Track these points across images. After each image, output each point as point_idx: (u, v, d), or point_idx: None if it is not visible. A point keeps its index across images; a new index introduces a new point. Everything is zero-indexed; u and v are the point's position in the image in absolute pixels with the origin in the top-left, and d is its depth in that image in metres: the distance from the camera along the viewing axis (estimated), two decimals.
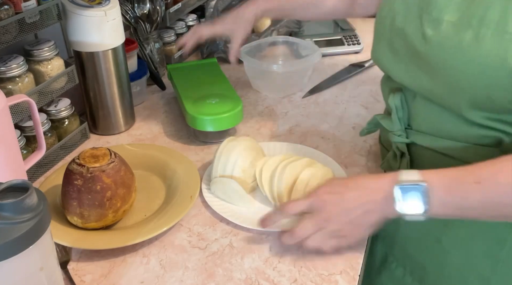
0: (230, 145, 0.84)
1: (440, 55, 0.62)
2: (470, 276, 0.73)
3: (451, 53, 0.61)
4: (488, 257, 0.71)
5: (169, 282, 0.68)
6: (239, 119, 0.98)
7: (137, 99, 1.13)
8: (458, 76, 0.61)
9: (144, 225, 0.75)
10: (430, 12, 0.64)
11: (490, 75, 0.58)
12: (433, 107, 0.69)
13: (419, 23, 0.65)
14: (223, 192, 0.81)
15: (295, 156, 0.86)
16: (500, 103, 0.60)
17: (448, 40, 0.61)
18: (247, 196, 0.81)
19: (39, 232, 0.50)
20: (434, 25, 0.63)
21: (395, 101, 0.73)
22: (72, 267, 0.71)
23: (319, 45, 1.37)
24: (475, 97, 0.61)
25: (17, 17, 0.80)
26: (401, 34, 0.68)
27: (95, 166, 0.72)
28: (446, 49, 0.61)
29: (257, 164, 0.84)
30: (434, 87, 0.66)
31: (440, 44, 0.62)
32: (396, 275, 0.84)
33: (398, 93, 0.73)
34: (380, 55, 0.74)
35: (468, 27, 0.59)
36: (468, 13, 0.60)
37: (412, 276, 0.81)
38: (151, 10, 1.17)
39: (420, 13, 0.65)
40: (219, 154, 0.83)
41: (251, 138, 0.87)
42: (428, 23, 0.64)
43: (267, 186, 0.81)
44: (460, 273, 0.75)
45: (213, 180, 0.83)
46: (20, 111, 0.82)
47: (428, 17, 0.64)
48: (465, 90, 0.62)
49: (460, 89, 0.62)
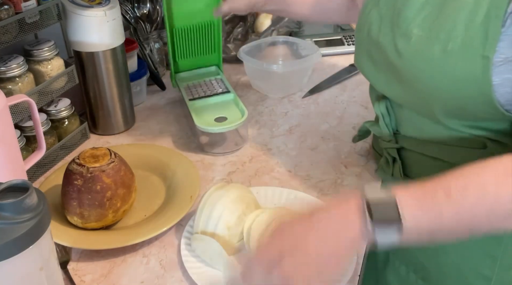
0: (215, 195, 0.72)
1: (411, 68, 0.63)
2: (470, 275, 0.74)
3: (422, 67, 0.61)
4: (487, 257, 0.71)
5: (169, 282, 0.68)
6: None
7: (137, 99, 1.13)
8: (430, 88, 0.62)
9: (144, 225, 0.75)
10: (400, 25, 0.64)
11: (460, 87, 0.59)
12: (415, 114, 0.70)
13: (391, 36, 0.66)
14: (203, 251, 0.69)
15: (292, 208, 0.73)
16: (472, 112, 0.61)
17: (418, 53, 0.62)
18: (230, 261, 0.68)
19: (39, 232, 0.50)
20: (404, 39, 0.63)
21: (380, 108, 0.74)
22: (72, 267, 0.71)
23: (319, 45, 1.37)
24: (448, 107, 0.62)
25: (17, 17, 0.80)
26: (377, 45, 0.69)
27: (95, 166, 0.72)
28: (417, 63, 0.62)
29: (247, 219, 0.70)
30: (409, 97, 0.67)
31: (411, 57, 0.63)
32: (400, 273, 0.84)
33: (383, 100, 0.74)
34: (361, 63, 0.75)
35: (436, 41, 0.59)
36: (436, 27, 0.60)
37: (416, 274, 0.81)
38: (151, 10, 1.17)
39: (391, 26, 0.66)
40: (203, 204, 0.72)
41: (242, 186, 0.76)
42: (399, 36, 0.64)
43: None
44: (460, 272, 0.75)
45: (193, 235, 0.71)
46: (20, 111, 0.82)
47: (399, 30, 0.64)
48: (437, 101, 0.62)
49: (433, 100, 0.63)
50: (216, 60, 1.16)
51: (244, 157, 0.95)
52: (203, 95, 1.03)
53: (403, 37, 0.64)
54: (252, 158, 0.94)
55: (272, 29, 1.36)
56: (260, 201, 0.80)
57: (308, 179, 0.87)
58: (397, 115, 0.74)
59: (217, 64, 1.16)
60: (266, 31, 1.35)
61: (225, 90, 1.05)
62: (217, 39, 1.12)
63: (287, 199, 0.81)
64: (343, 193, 0.70)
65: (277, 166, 0.91)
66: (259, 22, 1.42)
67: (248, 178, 0.89)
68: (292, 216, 0.57)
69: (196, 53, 1.13)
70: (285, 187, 0.85)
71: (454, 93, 0.60)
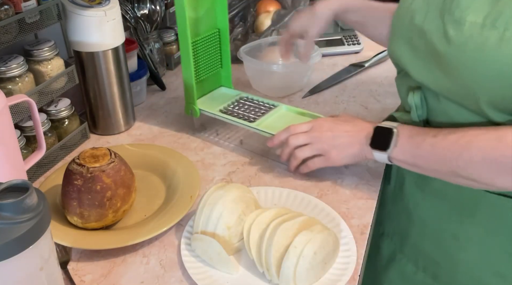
0: (216, 194, 0.72)
1: (461, 56, 0.62)
2: (486, 272, 0.74)
3: (473, 55, 0.61)
4: (504, 253, 0.71)
5: (169, 282, 0.68)
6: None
7: (137, 99, 1.13)
8: (477, 76, 0.61)
9: (144, 225, 0.75)
10: (453, 12, 0.63)
11: (509, 76, 0.59)
12: (452, 105, 0.69)
13: (440, 23, 0.65)
14: (203, 251, 0.69)
15: (293, 209, 0.76)
16: None
17: (471, 41, 0.61)
18: (230, 260, 0.68)
19: (39, 232, 0.50)
20: (456, 26, 0.62)
21: (415, 99, 0.73)
22: (72, 267, 0.71)
23: (319, 45, 1.37)
24: (494, 97, 0.62)
25: (17, 17, 0.80)
26: (421, 32, 0.68)
27: (95, 166, 0.72)
28: (468, 51, 0.61)
29: (247, 219, 0.70)
30: (452, 86, 0.66)
31: (462, 45, 0.62)
32: (406, 272, 0.84)
33: (418, 91, 0.73)
34: (397, 51, 0.74)
35: (492, 29, 0.59)
36: (493, 14, 0.59)
37: (425, 272, 0.81)
38: (151, 10, 1.17)
39: (442, 12, 0.65)
40: (203, 204, 0.72)
41: (242, 186, 0.75)
42: (450, 24, 0.63)
43: (255, 249, 0.67)
44: (475, 269, 0.75)
45: (193, 235, 0.71)
46: (20, 111, 0.82)
47: (450, 17, 0.63)
48: (484, 91, 0.62)
49: (480, 89, 0.62)
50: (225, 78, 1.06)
51: (244, 157, 0.95)
52: (260, 114, 0.96)
53: (454, 24, 0.63)
54: (252, 158, 0.94)
55: (272, 29, 1.36)
56: (260, 201, 0.80)
57: (308, 179, 0.87)
58: (430, 106, 0.73)
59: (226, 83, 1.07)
60: (266, 31, 1.35)
61: (272, 105, 0.99)
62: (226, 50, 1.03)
63: (287, 199, 0.81)
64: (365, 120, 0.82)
65: (277, 166, 0.91)
66: (259, 22, 1.42)
67: (248, 178, 0.89)
68: (327, 119, 0.85)
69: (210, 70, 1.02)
70: (285, 187, 0.85)
71: (501, 82, 0.59)
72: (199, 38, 0.97)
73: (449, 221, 0.75)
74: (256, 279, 0.67)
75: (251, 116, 0.95)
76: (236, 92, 1.04)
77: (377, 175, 0.87)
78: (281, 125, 0.91)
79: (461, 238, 0.74)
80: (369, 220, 0.77)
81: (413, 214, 0.81)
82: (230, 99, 1.01)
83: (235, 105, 1.00)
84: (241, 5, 1.46)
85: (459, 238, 0.75)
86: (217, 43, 1.02)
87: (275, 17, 1.39)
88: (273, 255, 0.65)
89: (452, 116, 0.69)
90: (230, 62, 1.04)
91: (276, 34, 1.38)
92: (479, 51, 0.60)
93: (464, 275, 0.76)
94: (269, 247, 0.65)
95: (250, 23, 1.43)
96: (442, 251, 0.78)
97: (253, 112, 0.96)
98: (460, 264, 0.76)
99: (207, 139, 1.01)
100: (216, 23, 1.00)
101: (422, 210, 0.79)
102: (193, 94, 0.97)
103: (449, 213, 0.75)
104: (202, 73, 1.00)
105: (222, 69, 1.05)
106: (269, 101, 0.99)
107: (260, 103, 0.99)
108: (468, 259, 0.75)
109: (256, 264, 0.67)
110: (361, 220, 0.77)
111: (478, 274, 0.75)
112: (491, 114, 0.63)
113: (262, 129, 0.91)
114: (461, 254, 0.75)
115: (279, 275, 0.64)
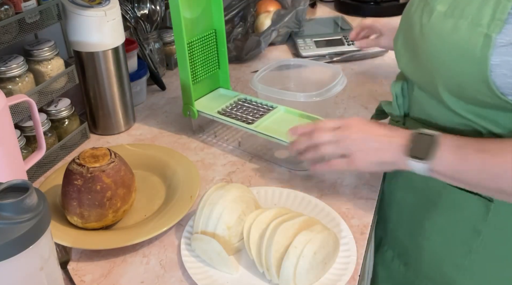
0: (216, 194, 0.72)
1: (427, 43, 0.65)
2: (447, 262, 0.75)
3: (434, 41, 0.63)
4: (463, 246, 0.72)
5: (169, 282, 0.68)
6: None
7: (137, 99, 1.13)
8: (436, 63, 0.64)
9: (144, 225, 0.75)
10: (429, 1, 0.66)
11: (459, 63, 0.61)
12: (424, 95, 0.71)
13: (420, 13, 0.67)
14: (203, 252, 0.69)
15: (293, 209, 0.75)
16: (471, 93, 0.62)
17: (434, 29, 0.63)
18: (230, 260, 0.68)
19: (39, 232, 0.50)
20: (428, 14, 0.65)
21: (395, 88, 0.76)
22: (72, 267, 0.71)
23: (319, 45, 1.37)
24: (449, 84, 0.64)
25: (17, 17, 0.80)
26: (410, 22, 0.70)
27: (95, 166, 0.72)
28: (432, 38, 0.64)
29: (247, 219, 0.70)
30: (420, 73, 0.69)
31: (427, 33, 0.65)
32: (386, 258, 0.88)
33: (400, 81, 0.76)
34: (396, 44, 0.76)
35: (450, 17, 0.61)
36: (454, 4, 0.62)
37: (399, 259, 0.84)
38: (151, 10, 1.18)
39: (424, 3, 0.67)
40: (203, 204, 0.72)
41: (243, 186, 0.75)
42: (425, 13, 0.66)
43: (255, 249, 0.67)
44: (437, 259, 0.77)
45: (193, 235, 0.71)
46: (20, 111, 0.82)
47: (428, 7, 0.66)
48: (441, 77, 0.64)
49: (438, 76, 0.65)
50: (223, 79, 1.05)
51: (244, 157, 0.95)
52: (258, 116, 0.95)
53: (427, 13, 0.65)
54: (252, 158, 0.94)
55: (272, 29, 1.36)
56: (260, 201, 0.80)
57: (308, 179, 0.87)
58: (410, 98, 0.76)
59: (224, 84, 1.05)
60: (266, 31, 1.35)
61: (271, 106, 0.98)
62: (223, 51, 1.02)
63: (287, 199, 0.81)
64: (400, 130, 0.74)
65: (277, 166, 0.91)
66: (259, 22, 1.42)
67: (248, 178, 0.89)
68: (360, 119, 0.75)
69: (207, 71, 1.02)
70: (285, 187, 0.85)
71: (455, 69, 0.61)
72: (195, 39, 0.97)
73: (417, 210, 0.77)
74: (256, 279, 0.67)
75: (249, 118, 0.95)
76: (235, 94, 1.03)
77: (377, 175, 0.87)
78: (279, 127, 0.90)
79: (426, 226, 0.76)
80: (369, 220, 0.77)
81: (392, 202, 0.84)
82: (228, 101, 1.01)
83: (233, 106, 0.99)
84: (241, 5, 1.46)
85: (424, 226, 0.77)
86: (214, 44, 1.01)
87: (275, 17, 1.39)
88: (273, 255, 0.65)
89: (426, 109, 0.72)
90: (227, 63, 1.04)
91: (276, 34, 1.37)
92: (438, 38, 0.62)
93: (428, 264, 0.78)
94: (269, 247, 0.65)
95: (250, 23, 1.43)
96: (411, 239, 0.80)
97: (252, 114, 0.96)
98: (424, 253, 0.78)
99: (205, 141, 1.01)
100: (212, 24, 1.00)
101: (397, 199, 0.82)
102: (190, 96, 0.97)
103: (417, 202, 0.77)
104: (199, 74, 1.00)
105: (220, 70, 1.04)
106: (268, 103, 0.99)
107: (259, 105, 0.99)
108: (431, 249, 0.77)
109: (256, 264, 0.67)
110: (361, 220, 0.77)
111: (439, 264, 0.76)
112: (448, 101, 0.65)
113: (260, 131, 0.91)
114: (425, 242, 0.77)
115: (279, 275, 0.64)
